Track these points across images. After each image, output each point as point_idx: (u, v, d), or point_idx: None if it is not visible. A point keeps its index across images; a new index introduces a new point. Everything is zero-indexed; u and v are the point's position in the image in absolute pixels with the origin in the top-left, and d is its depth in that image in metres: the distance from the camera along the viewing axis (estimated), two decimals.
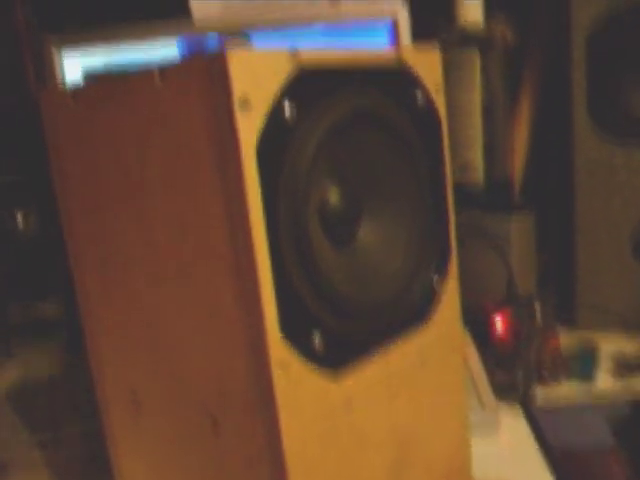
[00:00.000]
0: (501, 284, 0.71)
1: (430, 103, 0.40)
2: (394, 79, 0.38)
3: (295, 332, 0.33)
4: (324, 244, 0.36)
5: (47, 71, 0.61)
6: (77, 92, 0.38)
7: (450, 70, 0.72)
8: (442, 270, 0.42)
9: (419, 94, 0.39)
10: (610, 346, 0.73)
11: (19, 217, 0.76)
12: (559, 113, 0.75)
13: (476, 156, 0.71)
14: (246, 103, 0.30)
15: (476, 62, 0.69)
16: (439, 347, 0.43)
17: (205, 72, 0.30)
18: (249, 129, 0.31)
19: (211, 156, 0.32)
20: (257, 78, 0.31)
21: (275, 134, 0.32)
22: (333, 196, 0.37)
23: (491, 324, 0.66)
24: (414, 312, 0.40)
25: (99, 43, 0.62)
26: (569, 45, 0.71)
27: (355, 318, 0.36)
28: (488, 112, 0.71)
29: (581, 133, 0.73)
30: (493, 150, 0.72)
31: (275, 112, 0.31)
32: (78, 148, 0.39)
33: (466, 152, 0.72)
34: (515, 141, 0.76)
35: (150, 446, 0.41)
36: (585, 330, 0.77)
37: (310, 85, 0.33)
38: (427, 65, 0.40)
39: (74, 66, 0.62)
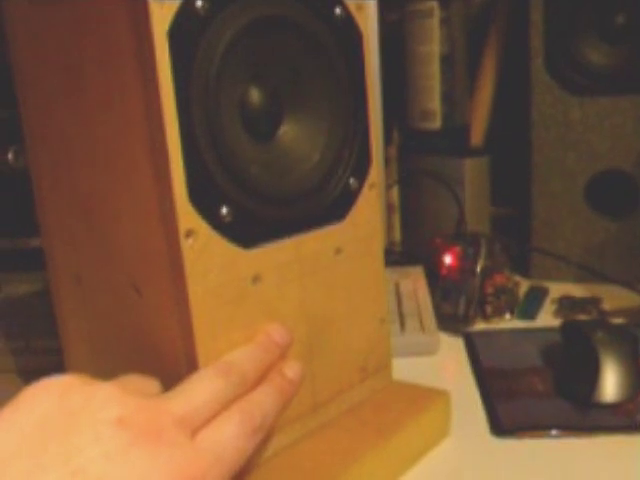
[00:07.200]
0: (455, 225, 0.75)
1: (349, 17, 0.44)
2: None
3: (204, 204, 0.37)
4: (241, 135, 0.40)
5: None
6: None
7: (410, 21, 0.76)
8: (360, 175, 0.46)
9: (338, 9, 0.43)
10: (560, 292, 0.77)
11: (10, 153, 0.81)
12: (520, 67, 0.79)
13: (434, 104, 0.75)
14: None
15: (435, 14, 0.73)
16: (356, 246, 0.47)
17: None
18: (161, 17, 0.35)
19: (131, 43, 0.36)
20: None
21: (187, 23, 0.36)
22: (253, 94, 0.41)
23: (439, 259, 0.70)
24: (330, 209, 0.45)
25: None
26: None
27: (267, 201, 0.41)
28: (448, 62, 0.75)
29: (538, 88, 0.76)
30: (452, 99, 0.76)
31: (187, 3, 0.36)
32: (32, 46, 0.43)
33: (425, 100, 0.76)
34: (479, 92, 0.79)
35: (90, 317, 0.46)
36: (539, 279, 0.81)
37: None
38: None
39: None
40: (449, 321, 0.68)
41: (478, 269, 0.67)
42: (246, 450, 0.35)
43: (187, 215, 0.37)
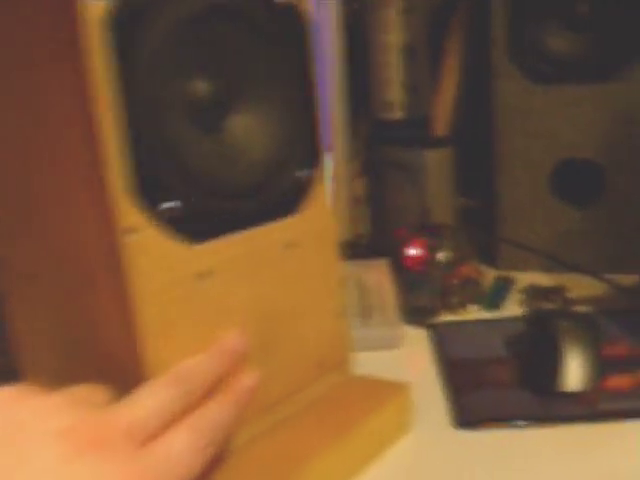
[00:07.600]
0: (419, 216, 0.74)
1: (292, 5, 0.43)
2: None
3: (147, 199, 0.36)
4: (187, 126, 0.39)
5: None
6: None
7: (370, 10, 0.75)
8: (310, 167, 0.45)
9: None
10: (527, 281, 0.76)
11: None
12: (484, 57, 0.78)
13: (396, 94, 0.74)
14: None
15: (395, 3, 0.72)
16: (309, 240, 0.46)
17: None
18: (96, 2, 0.34)
19: (64, 31, 0.34)
20: None
21: (123, 10, 0.34)
22: (198, 84, 0.40)
23: (403, 250, 0.69)
24: (281, 202, 0.44)
25: None
26: None
27: (215, 195, 0.39)
28: (410, 52, 0.74)
29: (500, 76, 0.76)
30: (414, 89, 0.75)
31: None
32: None
33: (385, 90, 0.75)
34: (443, 82, 0.78)
35: (43, 318, 0.44)
36: (506, 270, 0.80)
37: None
38: None
39: None
40: (414, 313, 0.67)
41: (442, 260, 0.67)
42: (195, 465, 0.34)
43: (129, 211, 0.35)
